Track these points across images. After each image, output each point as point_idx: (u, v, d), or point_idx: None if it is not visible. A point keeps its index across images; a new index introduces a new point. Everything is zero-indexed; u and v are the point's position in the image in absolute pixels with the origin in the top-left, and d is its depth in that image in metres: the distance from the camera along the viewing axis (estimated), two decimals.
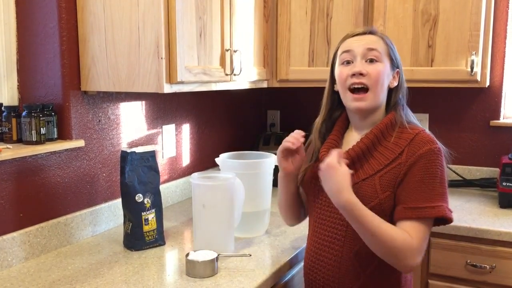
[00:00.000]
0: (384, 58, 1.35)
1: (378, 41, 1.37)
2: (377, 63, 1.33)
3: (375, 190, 1.29)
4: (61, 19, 1.62)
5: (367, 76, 1.32)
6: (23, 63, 1.69)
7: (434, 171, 1.27)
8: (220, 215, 1.54)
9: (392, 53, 1.38)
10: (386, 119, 1.35)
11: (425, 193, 1.26)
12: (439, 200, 1.26)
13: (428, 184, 1.26)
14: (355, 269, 1.34)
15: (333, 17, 2.23)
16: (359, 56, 1.35)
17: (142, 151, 1.63)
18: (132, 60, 1.58)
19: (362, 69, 1.32)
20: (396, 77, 1.39)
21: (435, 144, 1.30)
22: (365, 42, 1.35)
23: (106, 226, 1.82)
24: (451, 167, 2.45)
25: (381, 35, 1.40)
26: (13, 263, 1.49)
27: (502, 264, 1.83)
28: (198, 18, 1.68)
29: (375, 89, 1.33)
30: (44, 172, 1.60)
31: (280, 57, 2.32)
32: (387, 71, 1.35)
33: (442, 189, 1.28)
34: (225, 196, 1.54)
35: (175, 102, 2.18)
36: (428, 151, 1.28)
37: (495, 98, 2.39)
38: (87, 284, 1.36)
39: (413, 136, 1.31)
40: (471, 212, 2.03)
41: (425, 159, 1.27)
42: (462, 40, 2.07)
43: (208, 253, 1.44)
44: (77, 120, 1.69)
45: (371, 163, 1.32)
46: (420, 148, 1.29)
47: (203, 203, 1.53)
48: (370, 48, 1.34)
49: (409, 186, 1.27)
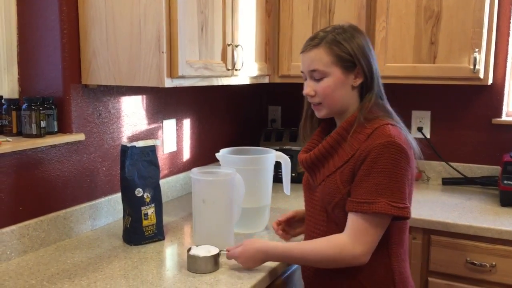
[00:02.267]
0: (331, 69, 1.34)
1: (320, 56, 1.34)
2: (324, 80, 1.36)
3: (337, 185, 1.32)
4: (62, 12, 1.61)
5: (316, 95, 1.38)
6: (23, 56, 1.68)
7: (382, 165, 1.25)
8: (219, 210, 1.54)
9: (341, 58, 1.34)
10: (351, 117, 1.36)
11: (368, 187, 1.26)
12: (380, 196, 1.24)
13: (373, 178, 1.25)
14: None
15: (336, 13, 2.22)
16: (308, 76, 1.40)
17: (143, 145, 1.63)
18: (133, 54, 1.58)
19: (309, 91, 1.39)
20: (360, 73, 1.35)
21: (389, 138, 1.26)
22: (307, 62, 1.38)
23: (105, 220, 1.82)
24: (452, 165, 2.45)
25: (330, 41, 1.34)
26: (12, 256, 1.49)
27: (502, 262, 1.82)
28: (199, 13, 1.67)
29: (326, 102, 1.38)
30: (44, 166, 1.60)
31: (281, 53, 2.31)
32: (338, 81, 1.35)
33: (390, 184, 1.25)
34: (225, 192, 1.54)
35: (176, 96, 2.17)
36: (379, 145, 1.26)
37: (498, 96, 2.38)
38: (86, 278, 1.36)
39: (372, 130, 1.31)
40: (472, 210, 2.03)
41: (374, 153, 1.26)
42: (465, 37, 2.06)
43: (210, 248, 1.44)
44: (77, 113, 1.68)
45: (335, 160, 1.36)
46: (373, 142, 1.28)
47: (202, 198, 1.53)
48: (312, 69, 1.37)
49: (357, 179, 1.29)
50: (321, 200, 1.38)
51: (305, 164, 1.42)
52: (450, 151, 2.48)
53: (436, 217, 1.93)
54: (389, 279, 1.35)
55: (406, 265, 1.41)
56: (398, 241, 1.36)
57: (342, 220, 1.32)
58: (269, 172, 1.76)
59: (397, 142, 1.26)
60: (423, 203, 2.11)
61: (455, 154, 2.48)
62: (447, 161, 2.47)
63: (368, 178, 1.26)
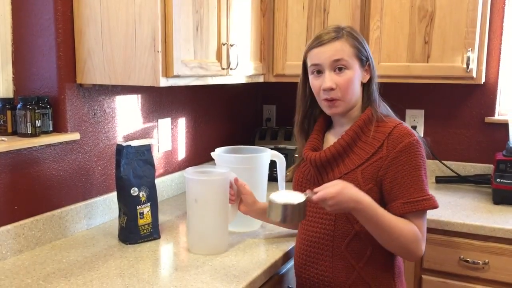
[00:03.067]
0: (353, 62, 1.36)
1: (343, 47, 1.36)
2: (346, 71, 1.36)
3: (358, 183, 1.33)
4: (57, 11, 1.61)
5: (337, 89, 1.36)
6: (18, 55, 1.68)
7: (418, 163, 1.33)
8: (212, 210, 1.53)
9: (360, 51, 1.38)
10: (364, 115, 1.38)
11: (417, 185, 1.32)
12: (427, 191, 1.33)
13: (416, 176, 1.32)
14: (348, 262, 1.37)
15: (330, 12, 2.23)
16: (327, 68, 1.37)
17: (138, 144, 1.63)
18: (128, 53, 1.58)
19: (331, 84, 1.35)
20: (368, 70, 1.40)
21: (413, 137, 1.34)
22: (330, 53, 1.35)
23: (101, 219, 1.82)
24: (446, 163, 2.47)
25: (347, 34, 1.37)
26: (8, 255, 1.49)
27: (495, 260, 1.84)
28: (195, 12, 1.67)
29: (346, 97, 1.37)
30: (39, 165, 1.60)
31: (276, 52, 2.32)
32: (357, 73, 1.38)
33: (426, 179, 1.35)
34: (218, 191, 1.54)
35: (171, 96, 2.18)
36: (408, 145, 1.32)
37: (490, 95, 2.40)
38: (81, 277, 1.36)
39: (390, 129, 1.35)
40: (465, 208, 2.05)
41: (407, 153, 1.32)
42: (458, 36, 2.08)
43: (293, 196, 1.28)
44: (72, 113, 1.68)
45: (352, 158, 1.36)
46: (400, 142, 1.32)
47: (195, 198, 1.52)
48: (336, 59, 1.35)
49: (399, 181, 1.31)
50: None
51: (318, 162, 1.40)
52: (443, 150, 2.50)
53: (430, 215, 1.93)
54: (389, 273, 1.39)
55: (402, 260, 1.45)
56: None
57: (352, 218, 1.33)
58: (264, 171, 1.77)
59: (419, 139, 1.35)
60: None
61: (448, 153, 2.50)
62: (441, 159, 2.48)
63: (412, 176, 1.31)
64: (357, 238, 1.35)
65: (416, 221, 1.32)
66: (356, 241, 1.36)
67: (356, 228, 1.35)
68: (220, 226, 1.56)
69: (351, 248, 1.36)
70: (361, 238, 1.35)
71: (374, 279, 1.37)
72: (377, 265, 1.37)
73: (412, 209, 1.30)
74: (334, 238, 1.38)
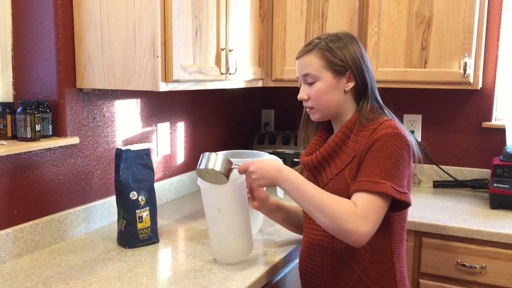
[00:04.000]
0: (323, 73, 1.40)
1: (311, 61, 1.40)
2: (316, 83, 1.41)
3: (346, 182, 1.35)
4: (57, 16, 1.62)
5: (310, 99, 1.44)
6: (18, 60, 1.68)
7: (389, 153, 1.29)
8: (238, 215, 1.48)
9: (331, 62, 1.39)
10: (351, 118, 1.41)
11: (374, 169, 1.29)
12: (384, 178, 1.27)
13: (378, 162, 1.29)
14: (348, 264, 1.38)
15: (328, 18, 2.25)
16: (301, 81, 1.46)
17: (137, 149, 1.64)
18: (127, 58, 1.59)
19: (303, 95, 1.45)
20: (351, 77, 1.41)
21: (394, 130, 1.32)
22: (300, 68, 1.44)
23: (100, 223, 1.83)
24: (443, 168, 2.48)
25: (319, 47, 1.40)
26: (7, 259, 1.49)
27: (492, 264, 1.85)
28: (194, 17, 1.69)
29: (318, 105, 1.43)
30: (39, 169, 1.60)
31: (275, 57, 2.33)
32: (329, 84, 1.40)
33: (393, 170, 1.28)
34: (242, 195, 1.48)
35: (170, 100, 2.19)
36: (385, 134, 1.32)
37: (487, 100, 2.41)
38: (80, 281, 1.37)
39: (377, 125, 1.36)
40: (462, 212, 2.06)
41: (381, 141, 1.31)
42: (455, 42, 2.09)
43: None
44: (72, 117, 1.69)
45: (342, 158, 1.39)
46: (378, 133, 1.33)
47: (218, 207, 1.45)
48: (304, 74, 1.43)
49: (364, 164, 1.32)
50: None
51: (310, 166, 1.44)
52: (441, 155, 2.51)
53: (427, 219, 1.96)
54: (391, 277, 1.39)
55: (405, 264, 1.45)
56: (399, 239, 1.40)
57: None
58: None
59: (402, 134, 1.32)
60: (415, 206, 2.13)
61: (446, 157, 2.51)
62: (438, 164, 2.49)
63: (373, 162, 1.30)
64: None
65: (359, 200, 1.26)
66: None
67: None
68: (247, 231, 1.51)
69: (350, 250, 1.37)
70: None
71: (375, 282, 1.37)
72: (378, 268, 1.38)
73: (359, 188, 1.27)
74: (333, 240, 1.39)
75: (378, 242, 1.36)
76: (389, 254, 1.38)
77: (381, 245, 1.37)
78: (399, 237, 1.40)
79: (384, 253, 1.37)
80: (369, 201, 1.26)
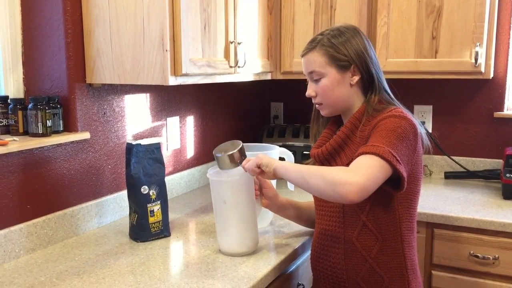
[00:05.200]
0: (327, 69, 1.42)
1: (315, 58, 1.42)
2: (321, 80, 1.43)
3: None
4: (66, 11, 1.63)
5: (317, 96, 1.46)
6: (28, 56, 1.69)
7: (392, 126, 1.30)
8: (243, 209, 1.49)
9: (334, 57, 1.40)
10: (358, 111, 1.42)
11: (376, 138, 1.30)
12: (384, 144, 1.27)
13: (382, 133, 1.30)
14: (360, 253, 1.40)
15: (337, 9, 2.23)
16: (308, 78, 1.48)
17: (148, 143, 1.64)
18: (137, 53, 1.59)
19: (310, 92, 1.47)
20: (356, 71, 1.41)
21: (400, 113, 1.34)
22: (305, 66, 1.46)
23: (112, 217, 1.84)
24: (454, 159, 2.46)
25: (321, 44, 1.41)
26: (21, 254, 1.51)
27: (505, 255, 1.84)
28: (202, 11, 1.68)
29: (326, 101, 1.45)
30: (50, 164, 1.61)
31: (284, 49, 2.32)
32: (335, 80, 1.42)
33: (395, 141, 1.28)
34: (248, 189, 1.50)
35: (179, 94, 2.19)
36: (389, 115, 1.34)
37: (499, 90, 2.39)
38: (94, 275, 1.38)
39: (386, 113, 1.37)
40: (475, 203, 2.04)
41: (385, 120, 1.33)
42: (466, 31, 2.07)
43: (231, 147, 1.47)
44: (82, 112, 1.70)
45: (351, 149, 1.40)
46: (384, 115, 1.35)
47: (224, 199, 1.48)
48: (309, 71, 1.45)
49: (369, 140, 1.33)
50: None
51: (320, 157, 1.46)
52: (452, 145, 2.50)
53: (439, 210, 1.95)
54: (402, 266, 1.40)
55: (415, 253, 1.46)
56: (409, 227, 1.41)
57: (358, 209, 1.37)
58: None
59: (408, 117, 1.34)
60: (426, 197, 2.12)
61: (457, 148, 2.49)
62: (449, 155, 2.48)
63: (375, 134, 1.32)
64: (366, 228, 1.38)
65: (356, 160, 1.27)
66: (365, 232, 1.38)
67: (363, 219, 1.38)
68: (252, 225, 1.53)
69: (361, 239, 1.39)
70: (369, 229, 1.38)
71: (386, 271, 1.39)
72: (388, 257, 1.39)
73: (358, 153, 1.29)
74: (345, 229, 1.41)
75: (388, 230, 1.37)
76: (399, 242, 1.39)
77: (391, 233, 1.38)
78: (409, 225, 1.41)
79: (395, 241, 1.38)
80: (363, 159, 1.27)
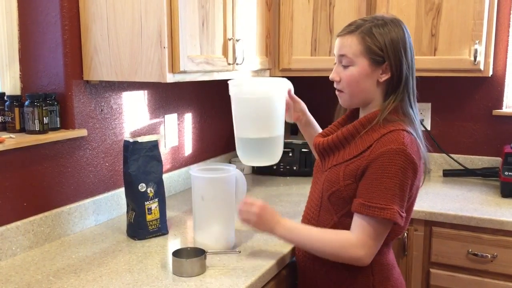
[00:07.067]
0: (359, 59, 1.33)
1: (351, 43, 1.34)
2: (349, 68, 1.36)
3: (338, 177, 1.35)
4: (63, 7, 1.61)
5: (341, 81, 1.39)
6: (25, 52, 1.68)
7: (393, 172, 1.26)
8: (219, 207, 1.52)
9: (371, 50, 1.32)
10: (369, 114, 1.37)
11: (382, 192, 1.26)
12: (392, 203, 1.26)
13: (386, 184, 1.26)
14: None
15: (336, 6, 2.22)
16: (337, 60, 1.40)
17: (145, 140, 1.63)
18: (134, 50, 1.58)
19: (334, 76, 1.40)
20: (387, 69, 1.33)
21: (402, 146, 1.27)
22: (339, 47, 1.38)
23: (109, 215, 1.83)
24: (453, 156, 2.46)
25: (362, 31, 1.33)
26: (18, 252, 1.50)
27: (503, 253, 1.84)
28: (200, 7, 1.67)
29: (348, 90, 1.38)
30: (47, 162, 1.60)
31: (282, 46, 2.31)
32: (363, 72, 1.34)
33: (398, 192, 1.27)
34: (225, 189, 1.52)
35: (177, 91, 2.18)
36: (389, 150, 1.27)
37: (498, 88, 2.38)
38: (91, 273, 1.37)
39: (386, 132, 1.31)
40: (473, 201, 2.04)
41: (385, 157, 1.27)
42: (465, 29, 2.06)
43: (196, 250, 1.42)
44: (79, 109, 1.69)
45: (345, 152, 1.38)
46: (384, 146, 1.28)
47: (201, 196, 1.52)
48: (341, 54, 1.37)
49: (368, 182, 1.29)
50: (322, 185, 1.41)
51: (320, 147, 1.45)
52: (450, 143, 2.49)
53: (438, 208, 1.94)
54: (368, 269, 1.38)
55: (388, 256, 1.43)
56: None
57: (333, 210, 1.37)
58: (281, 100, 1.59)
59: (408, 151, 1.27)
60: (424, 195, 2.12)
61: (456, 146, 2.49)
62: (448, 152, 2.47)
63: (378, 182, 1.27)
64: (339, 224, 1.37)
65: (358, 225, 1.29)
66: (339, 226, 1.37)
67: (335, 219, 1.37)
68: (227, 224, 1.55)
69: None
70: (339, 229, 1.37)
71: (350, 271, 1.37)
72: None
73: (364, 212, 1.27)
74: (318, 223, 1.42)
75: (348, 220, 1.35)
76: None
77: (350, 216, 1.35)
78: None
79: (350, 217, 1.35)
80: (371, 227, 1.28)
